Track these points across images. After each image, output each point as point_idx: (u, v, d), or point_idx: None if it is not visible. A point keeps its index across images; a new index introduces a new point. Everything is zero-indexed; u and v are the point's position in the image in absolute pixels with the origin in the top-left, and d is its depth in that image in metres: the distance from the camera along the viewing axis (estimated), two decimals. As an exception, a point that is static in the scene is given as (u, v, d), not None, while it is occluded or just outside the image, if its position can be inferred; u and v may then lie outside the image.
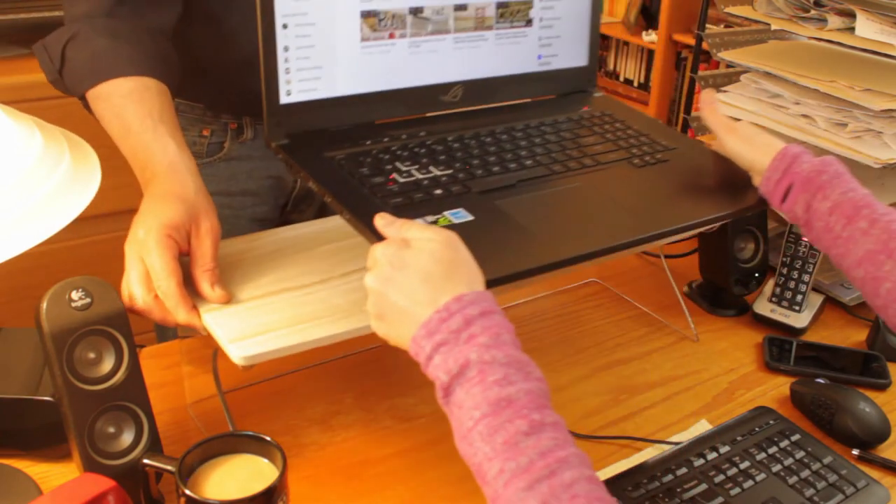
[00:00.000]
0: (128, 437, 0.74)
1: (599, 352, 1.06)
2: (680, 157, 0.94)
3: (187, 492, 0.67)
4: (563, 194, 0.85)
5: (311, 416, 0.92)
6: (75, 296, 0.71)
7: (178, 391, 0.93)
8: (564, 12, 1.01)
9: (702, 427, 0.92)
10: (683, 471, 0.82)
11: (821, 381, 0.96)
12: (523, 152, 0.90)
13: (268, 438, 0.72)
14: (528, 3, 0.98)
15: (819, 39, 1.27)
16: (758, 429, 0.88)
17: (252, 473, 0.71)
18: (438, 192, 0.80)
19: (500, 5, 0.95)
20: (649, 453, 0.87)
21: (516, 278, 0.72)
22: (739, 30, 1.46)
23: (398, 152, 0.86)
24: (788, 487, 0.81)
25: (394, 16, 0.88)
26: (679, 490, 0.79)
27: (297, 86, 0.84)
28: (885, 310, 0.71)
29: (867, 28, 1.18)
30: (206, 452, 0.72)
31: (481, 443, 0.55)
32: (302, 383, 0.97)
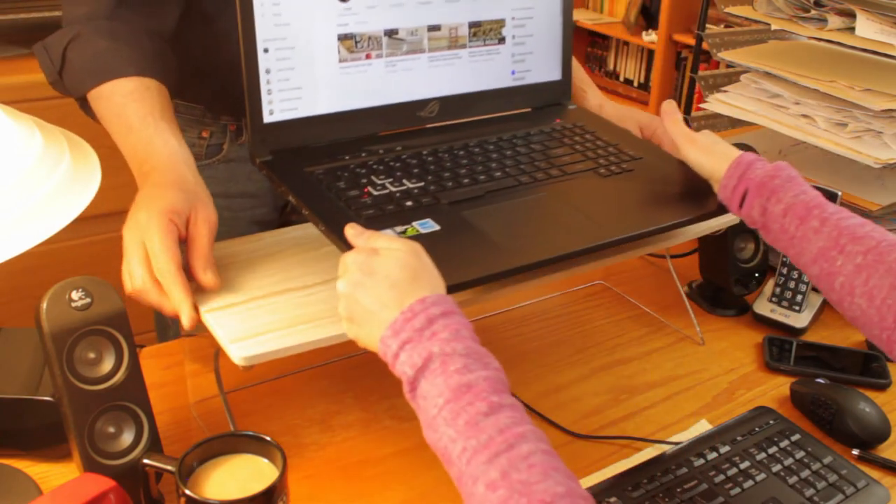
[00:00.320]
0: (128, 437, 0.74)
1: (599, 352, 1.06)
2: (645, 166, 0.97)
3: (187, 492, 0.67)
4: (527, 204, 0.88)
5: (312, 416, 0.92)
6: (75, 296, 0.71)
7: (178, 391, 0.93)
8: (536, 30, 1.05)
9: (702, 427, 0.92)
10: (683, 471, 0.82)
11: (821, 381, 0.96)
12: (493, 164, 0.94)
13: (268, 438, 0.72)
14: (501, 22, 1.01)
15: (819, 39, 1.28)
16: (758, 429, 0.88)
17: (252, 473, 0.71)
18: (409, 203, 0.84)
19: (473, 25, 0.99)
20: (649, 453, 0.88)
21: (475, 284, 0.75)
22: (739, 30, 1.46)
23: (374, 166, 0.90)
24: (788, 487, 0.81)
25: (370, 38, 0.92)
26: (679, 490, 0.79)
27: (279, 105, 0.89)
28: (841, 303, 0.74)
29: (867, 28, 1.18)
30: (206, 452, 0.72)
31: (445, 427, 0.59)
32: (302, 383, 0.97)
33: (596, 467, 0.86)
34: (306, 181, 0.86)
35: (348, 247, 0.72)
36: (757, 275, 1.13)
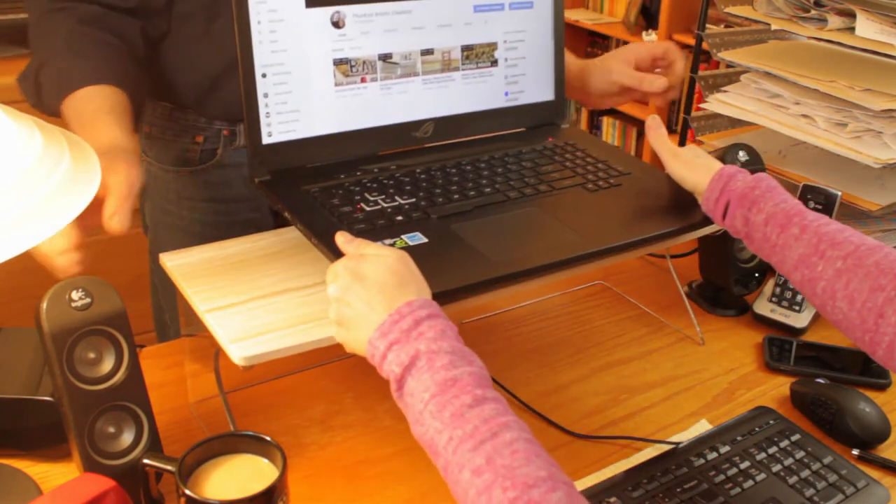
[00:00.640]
0: (128, 437, 0.74)
1: (599, 352, 1.06)
2: (633, 181, 0.99)
3: (187, 492, 0.67)
4: (514, 217, 0.90)
5: (312, 416, 0.92)
6: (75, 296, 0.71)
7: (179, 391, 0.93)
8: (528, 52, 1.07)
9: (702, 427, 0.92)
10: (683, 471, 0.82)
11: (821, 381, 0.96)
12: (484, 181, 0.96)
13: (268, 438, 0.72)
14: (493, 45, 1.04)
15: (819, 39, 1.27)
16: (758, 429, 0.88)
17: (252, 473, 0.71)
18: (399, 218, 0.86)
19: (465, 48, 1.02)
20: (649, 453, 0.87)
21: (458, 292, 0.77)
22: (739, 30, 1.46)
23: (368, 184, 0.92)
24: (788, 487, 0.81)
25: (364, 62, 0.95)
26: (679, 490, 0.79)
27: (278, 128, 0.91)
28: (824, 308, 0.75)
29: (867, 28, 1.18)
30: (206, 452, 0.72)
31: (431, 420, 0.61)
32: (302, 383, 0.97)
33: (596, 467, 0.86)
34: (302, 199, 0.89)
35: (338, 257, 0.74)
36: (757, 275, 1.13)
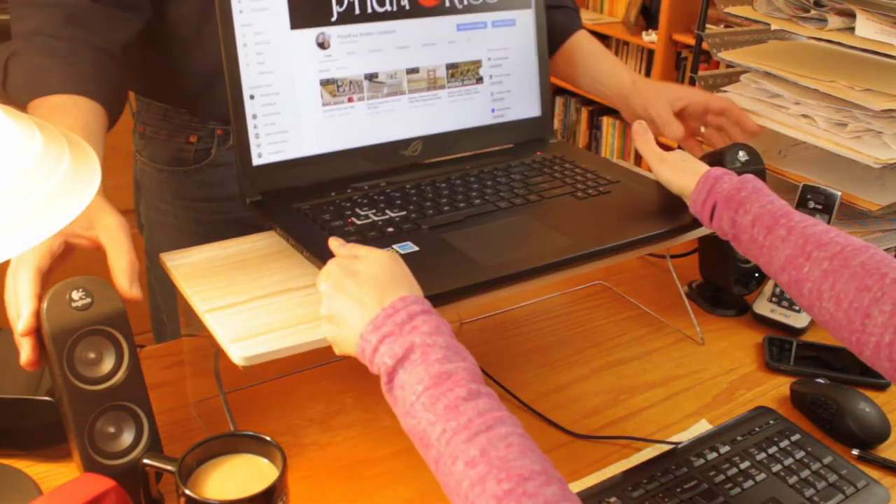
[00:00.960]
0: (128, 437, 0.74)
1: (599, 352, 1.06)
2: (622, 188, 1.01)
3: (187, 492, 0.67)
4: (505, 225, 0.91)
5: (311, 416, 0.92)
6: (75, 296, 0.71)
7: (179, 391, 0.93)
8: (513, 69, 1.09)
9: (702, 427, 0.92)
10: (683, 471, 0.82)
11: (821, 381, 0.96)
12: (473, 193, 0.97)
13: (268, 438, 0.72)
14: (477, 63, 1.05)
15: (819, 39, 1.27)
16: (758, 429, 0.88)
17: (252, 473, 0.71)
18: (390, 230, 0.87)
19: (450, 66, 1.03)
20: (649, 453, 0.87)
21: (450, 295, 0.78)
22: (739, 30, 1.46)
23: (359, 200, 0.93)
24: (788, 487, 0.81)
25: (350, 82, 0.96)
26: (679, 490, 0.79)
27: (267, 148, 0.93)
28: (811, 308, 0.75)
29: (867, 28, 1.18)
30: (206, 452, 0.72)
31: (424, 412, 0.61)
32: (302, 383, 0.97)
33: (596, 467, 0.86)
34: (294, 216, 0.90)
35: None
36: (757, 275, 1.13)
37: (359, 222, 0.88)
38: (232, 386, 0.93)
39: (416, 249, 0.84)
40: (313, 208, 0.91)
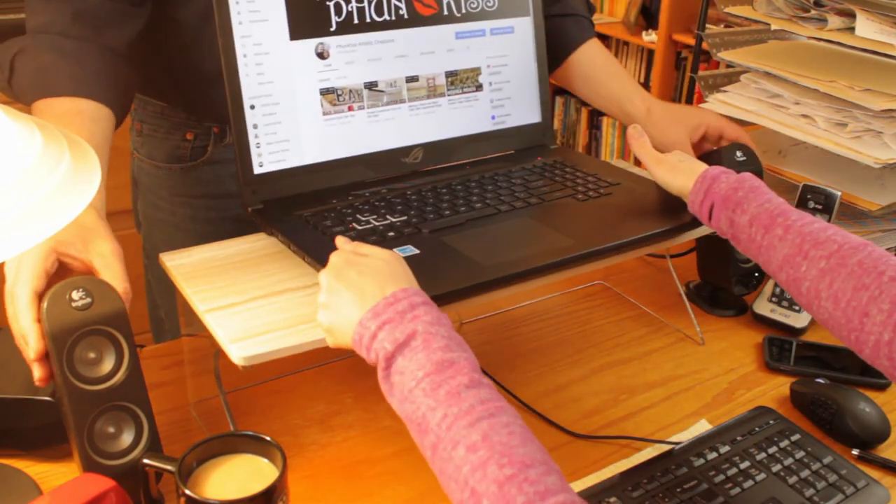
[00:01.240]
0: (128, 437, 0.74)
1: (599, 352, 1.06)
2: (623, 190, 1.01)
3: (187, 492, 0.67)
4: (506, 227, 0.92)
5: (311, 416, 0.92)
6: (76, 296, 0.71)
7: (179, 391, 0.93)
8: (512, 75, 1.10)
9: (702, 427, 0.92)
10: (683, 471, 0.82)
11: (821, 381, 0.96)
12: (474, 198, 0.97)
13: (268, 438, 0.72)
14: (476, 70, 1.06)
15: (819, 39, 1.27)
16: (758, 429, 0.88)
17: (252, 473, 0.71)
18: (391, 234, 0.88)
19: (450, 74, 1.04)
20: (649, 453, 0.87)
21: (450, 296, 0.78)
22: (739, 30, 1.46)
23: (360, 206, 0.94)
24: (788, 487, 0.81)
25: (350, 91, 0.97)
26: (679, 490, 0.79)
27: (268, 157, 0.93)
28: (810, 307, 0.75)
29: (867, 28, 1.18)
30: (206, 452, 0.72)
31: (424, 397, 0.60)
32: (302, 383, 0.97)
33: (596, 467, 0.86)
34: (295, 223, 0.90)
35: None
36: (757, 274, 1.13)
37: (360, 227, 0.88)
38: (232, 386, 0.93)
39: (417, 252, 0.84)
40: (315, 215, 0.91)
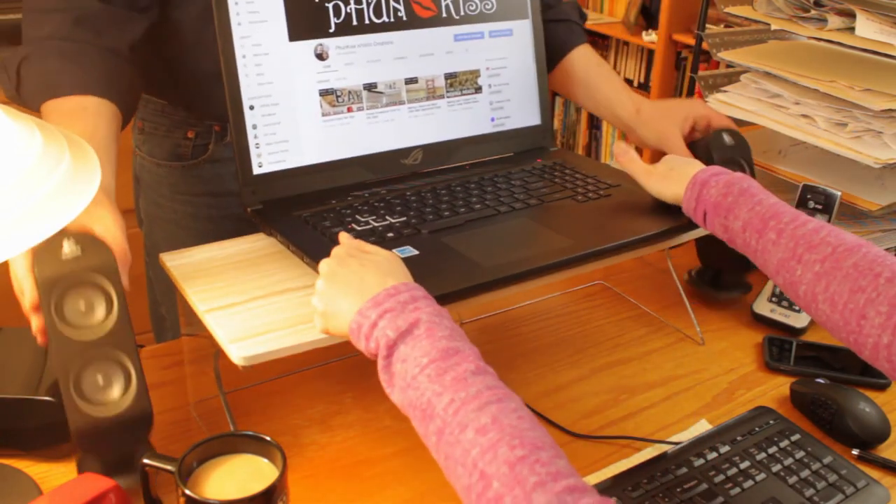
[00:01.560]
0: (116, 390, 0.74)
1: (599, 352, 1.06)
2: (622, 192, 1.01)
3: (187, 492, 0.67)
4: (505, 228, 0.92)
5: (311, 416, 0.92)
6: (66, 247, 0.72)
7: (178, 391, 0.93)
8: (511, 78, 1.10)
9: (702, 427, 0.92)
10: (683, 471, 0.82)
11: (821, 381, 0.96)
12: (474, 199, 0.97)
13: (268, 438, 0.72)
14: (476, 72, 1.06)
15: (819, 39, 1.27)
16: (758, 429, 0.88)
17: (252, 473, 0.71)
18: (390, 235, 0.88)
19: (449, 76, 1.04)
20: (649, 453, 0.88)
21: (452, 297, 0.78)
22: (739, 30, 1.46)
23: (360, 207, 0.94)
24: (788, 487, 0.81)
25: (350, 92, 0.97)
26: (679, 490, 0.79)
27: (267, 158, 0.93)
28: (808, 309, 0.75)
29: (867, 28, 1.18)
30: (206, 452, 0.72)
31: (429, 383, 0.60)
32: (302, 383, 0.97)
33: (596, 467, 0.86)
34: (294, 223, 0.90)
35: None
36: None
37: (359, 228, 0.88)
38: (232, 386, 0.93)
39: (416, 253, 0.84)
40: (314, 215, 0.91)
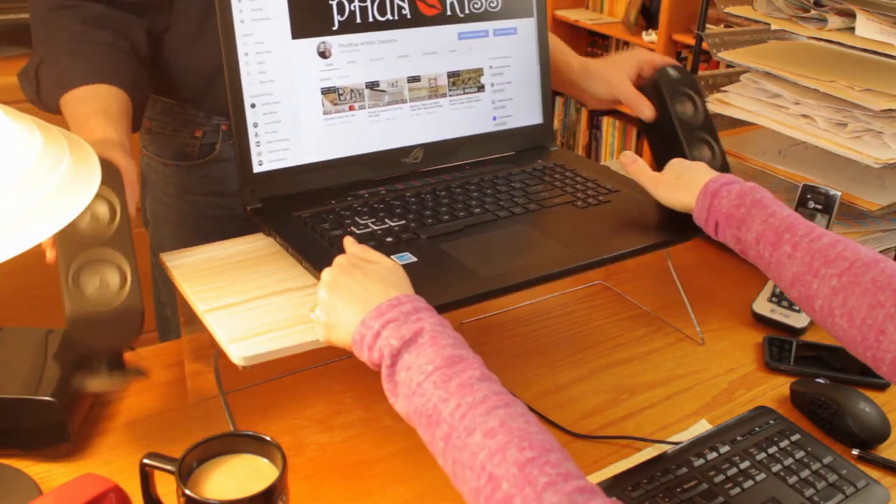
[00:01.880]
0: (112, 285, 0.76)
1: (599, 352, 1.06)
2: (623, 197, 1.00)
3: (187, 492, 0.67)
4: (504, 235, 0.91)
5: (312, 416, 0.92)
6: None
7: (179, 391, 0.93)
8: (514, 77, 1.09)
9: (702, 427, 0.92)
10: (683, 471, 0.82)
11: (821, 381, 0.96)
12: (473, 202, 0.97)
13: (268, 438, 0.72)
14: (479, 71, 1.06)
15: (819, 39, 1.27)
16: (758, 429, 0.88)
17: (252, 473, 0.71)
18: (389, 239, 0.87)
19: (452, 75, 1.03)
20: (649, 453, 0.87)
21: (448, 308, 0.77)
22: (739, 30, 1.46)
23: (359, 209, 0.93)
24: (788, 487, 0.81)
25: (352, 90, 0.97)
26: (679, 490, 0.79)
27: (268, 156, 0.93)
28: (824, 323, 0.75)
29: (867, 28, 1.18)
30: (206, 452, 0.72)
31: (435, 389, 0.60)
32: (302, 383, 0.97)
33: (596, 467, 0.86)
34: (293, 224, 0.90)
35: None
36: (706, 135, 1.06)
37: (358, 232, 0.88)
38: (232, 386, 0.93)
39: (414, 260, 0.84)
40: (313, 217, 0.91)
